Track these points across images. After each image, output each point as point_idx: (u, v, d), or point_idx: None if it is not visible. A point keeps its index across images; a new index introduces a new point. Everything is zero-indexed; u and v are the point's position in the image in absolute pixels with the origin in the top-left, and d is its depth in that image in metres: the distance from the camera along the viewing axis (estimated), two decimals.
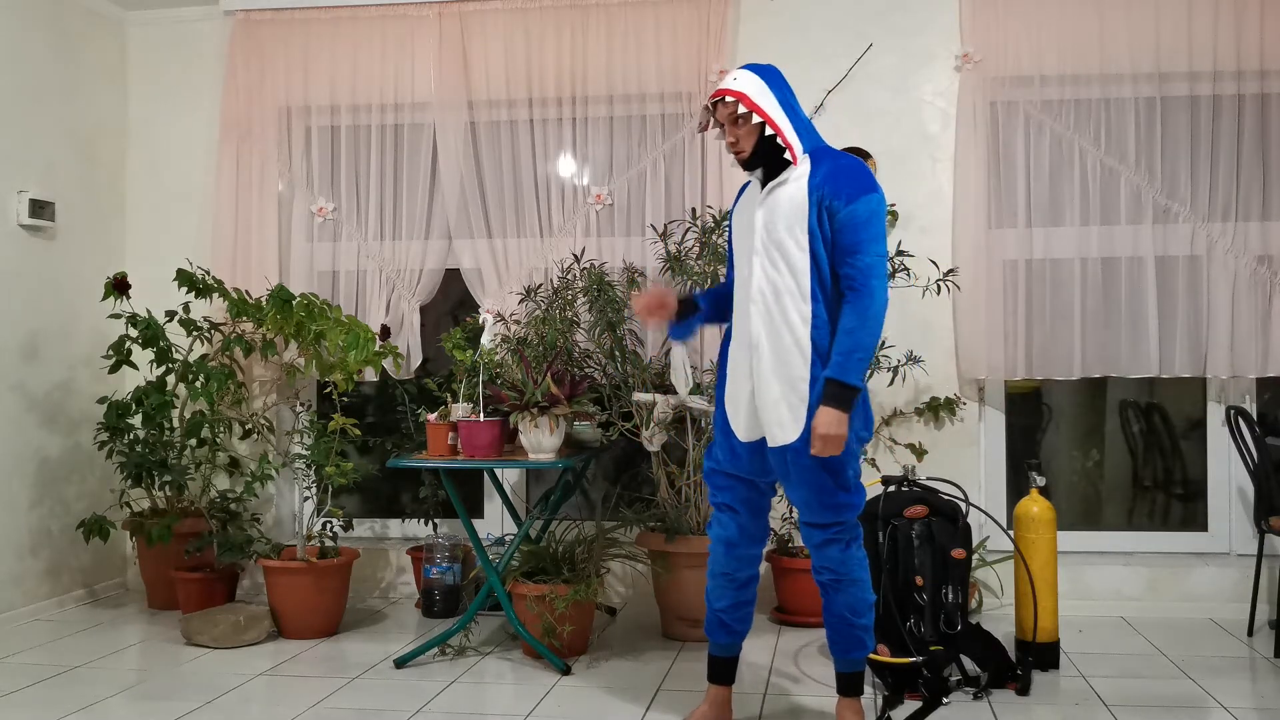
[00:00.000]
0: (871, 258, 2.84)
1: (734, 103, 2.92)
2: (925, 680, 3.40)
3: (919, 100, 4.70)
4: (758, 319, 2.92)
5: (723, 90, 2.94)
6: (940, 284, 4.40)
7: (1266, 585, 4.29)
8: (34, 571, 4.59)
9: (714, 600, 3.14)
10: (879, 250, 2.86)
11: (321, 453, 4.32)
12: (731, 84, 2.94)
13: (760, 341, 2.92)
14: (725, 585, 3.12)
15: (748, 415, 2.98)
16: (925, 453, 4.57)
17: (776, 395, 2.90)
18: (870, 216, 2.87)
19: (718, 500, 3.11)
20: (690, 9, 4.71)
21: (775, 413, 2.91)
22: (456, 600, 4.56)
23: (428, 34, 4.86)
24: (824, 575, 3.01)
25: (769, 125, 2.90)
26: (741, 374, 2.99)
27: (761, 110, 2.90)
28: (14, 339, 4.54)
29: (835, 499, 2.93)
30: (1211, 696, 3.44)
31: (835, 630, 3.04)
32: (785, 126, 2.92)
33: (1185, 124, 4.49)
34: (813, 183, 2.89)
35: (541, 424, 3.72)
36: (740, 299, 3.01)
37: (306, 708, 3.39)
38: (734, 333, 3.05)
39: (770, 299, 2.91)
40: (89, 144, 4.99)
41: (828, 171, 2.89)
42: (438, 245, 4.88)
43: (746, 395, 2.98)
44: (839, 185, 2.87)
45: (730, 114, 2.94)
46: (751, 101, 2.90)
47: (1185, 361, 4.49)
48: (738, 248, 3.05)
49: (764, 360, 2.92)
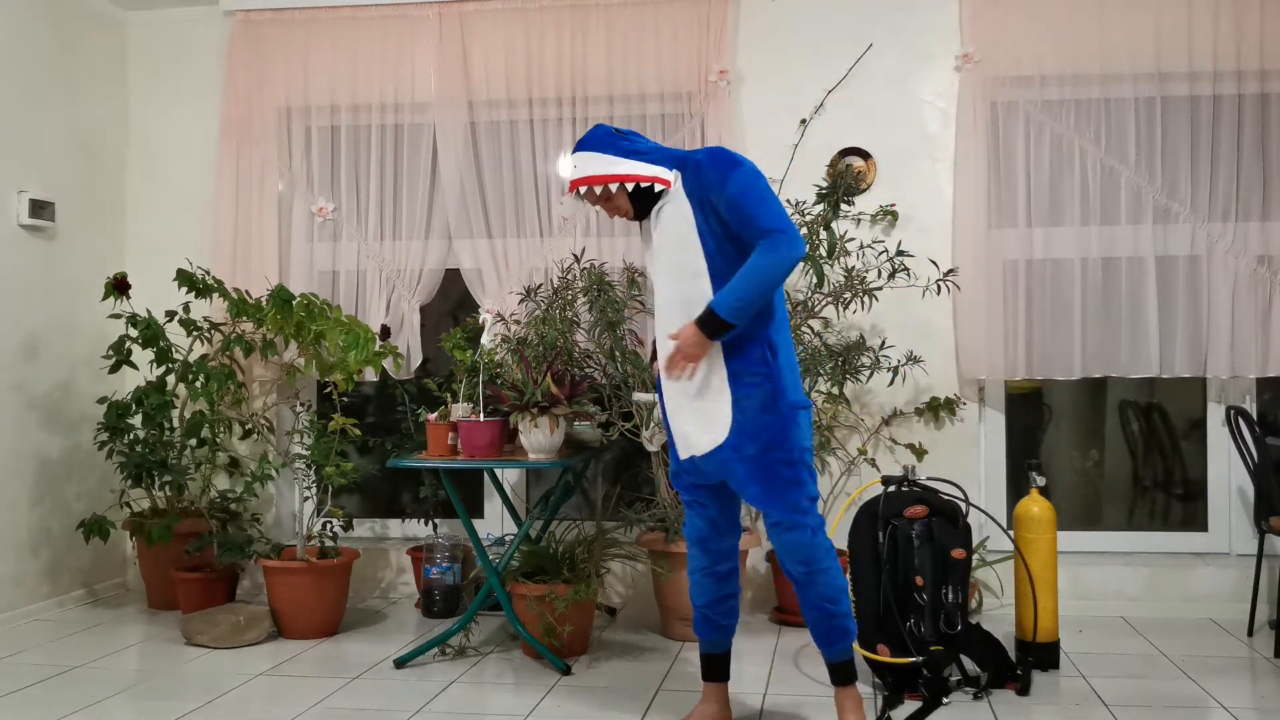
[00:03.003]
0: (767, 220, 2.81)
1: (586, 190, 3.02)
2: (925, 680, 3.40)
3: (919, 100, 4.70)
4: (664, 337, 2.97)
5: (572, 185, 3.04)
6: (940, 284, 4.41)
7: (1266, 585, 4.29)
8: (34, 571, 4.59)
9: (696, 598, 3.16)
10: (773, 210, 2.83)
11: (321, 453, 4.32)
12: (575, 174, 3.03)
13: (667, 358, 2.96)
14: (705, 580, 3.13)
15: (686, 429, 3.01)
16: (925, 453, 4.57)
17: (695, 405, 2.95)
18: (745, 187, 2.85)
19: (686, 499, 3.14)
20: (690, 9, 4.71)
21: (698, 419, 2.95)
22: (456, 600, 4.56)
23: (428, 34, 4.87)
24: (797, 569, 2.98)
25: (629, 183, 2.96)
26: (669, 391, 3.03)
27: (613, 178, 2.97)
28: (14, 339, 4.54)
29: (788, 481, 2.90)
30: (1211, 696, 3.44)
31: (817, 624, 3.04)
32: (642, 170, 2.96)
33: (1185, 124, 4.50)
34: (688, 188, 2.94)
35: (541, 424, 3.71)
36: (657, 323, 3.06)
37: (306, 708, 3.39)
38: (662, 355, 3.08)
39: (675, 314, 2.95)
40: (89, 144, 4.99)
41: (693, 171, 2.94)
42: (438, 245, 4.88)
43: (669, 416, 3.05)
44: (707, 177, 2.89)
45: (597, 198, 3.03)
46: (600, 178, 2.98)
47: (1185, 361, 4.49)
48: (650, 271, 3.11)
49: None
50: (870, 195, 4.68)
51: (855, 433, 4.67)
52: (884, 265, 4.50)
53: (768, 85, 4.75)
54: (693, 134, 4.71)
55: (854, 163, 4.68)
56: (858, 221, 4.65)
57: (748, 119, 4.75)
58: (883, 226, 4.67)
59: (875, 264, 4.50)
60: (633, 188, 2.96)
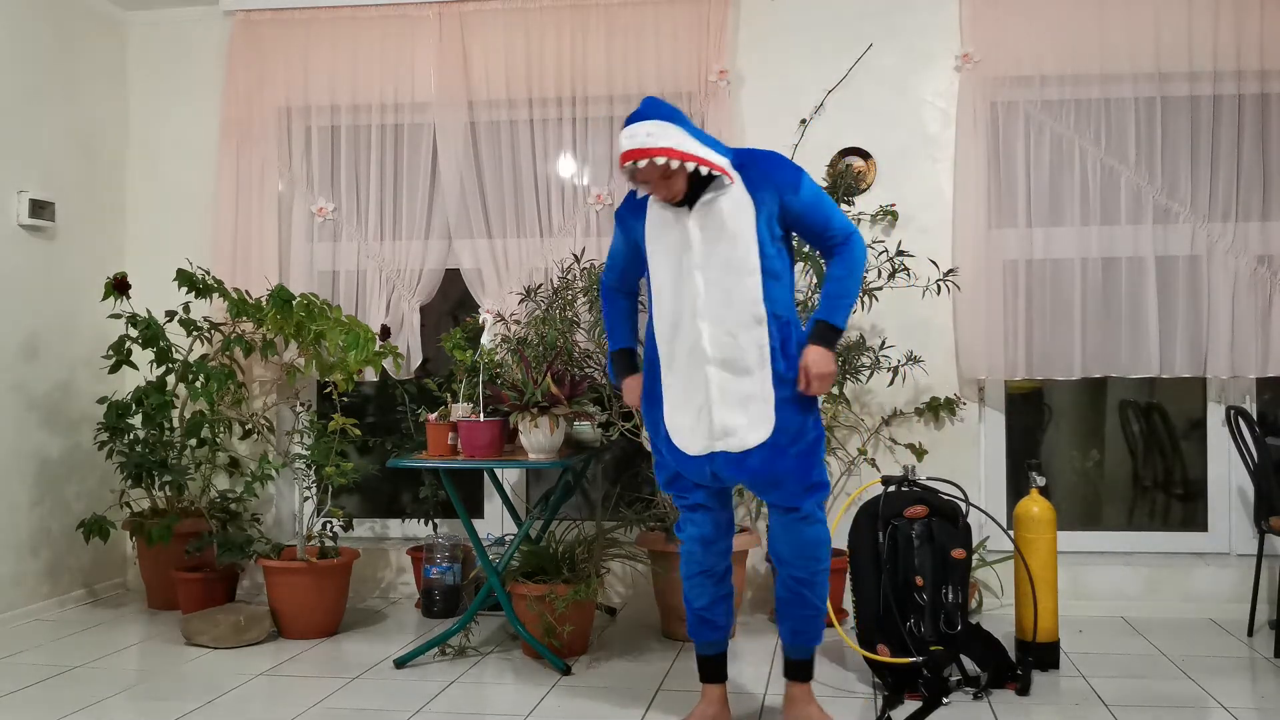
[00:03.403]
0: (840, 220, 2.97)
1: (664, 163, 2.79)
2: (925, 680, 3.40)
3: (919, 100, 4.70)
4: (711, 333, 2.92)
5: (645, 151, 2.79)
6: (940, 284, 4.41)
7: (1266, 585, 4.29)
8: (34, 571, 4.59)
9: (694, 600, 3.13)
10: (840, 211, 2.99)
11: (321, 453, 4.32)
12: (650, 142, 2.79)
13: (719, 353, 2.92)
14: (704, 583, 3.11)
15: (705, 430, 2.95)
16: (925, 453, 4.57)
17: (743, 399, 2.92)
18: (817, 191, 2.97)
19: (687, 503, 3.09)
20: (690, 9, 4.71)
21: (742, 417, 2.92)
22: (456, 600, 4.56)
23: (428, 34, 4.87)
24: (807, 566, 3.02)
25: (703, 166, 2.82)
26: (693, 388, 2.96)
27: (691, 157, 2.80)
28: (14, 339, 4.54)
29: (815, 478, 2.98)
30: (1211, 696, 3.44)
31: (811, 621, 3.09)
32: (713, 157, 2.87)
33: (1185, 124, 4.49)
34: (750, 185, 2.91)
35: (541, 424, 3.71)
36: (678, 314, 2.96)
37: (306, 708, 3.39)
38: (669, 352, 3.00)
39: (722, 309, 2.91)
40: (89, 144, 4.99)
41: (759, 171, 2.92)
42: (438, 245, 4.88)
43: (696, 410, 2.96)
44: (782, 178, 2.92)
45: (660, 171, 2.83)
46: (680, 153, 2.79)
47: (1185, 361, 4.49)
48: (662, 264, 2.99)
49: (723, 369, 2.92)
50: (870, 195, 4.68)
51: (855, 433, 4.67)
52: (884, 265, 4.50)
53: (768, 85, 4.75)
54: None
55: (854, 163, 4.68)
56: (858, 221, 4.65)
57: (748, 119, 4.75)
58: (883, 226, 4.67)
59: (875, 264, 4.50)
60: (706, 172, 2.84)
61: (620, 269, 3.24)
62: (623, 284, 3.28)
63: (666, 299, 3.00)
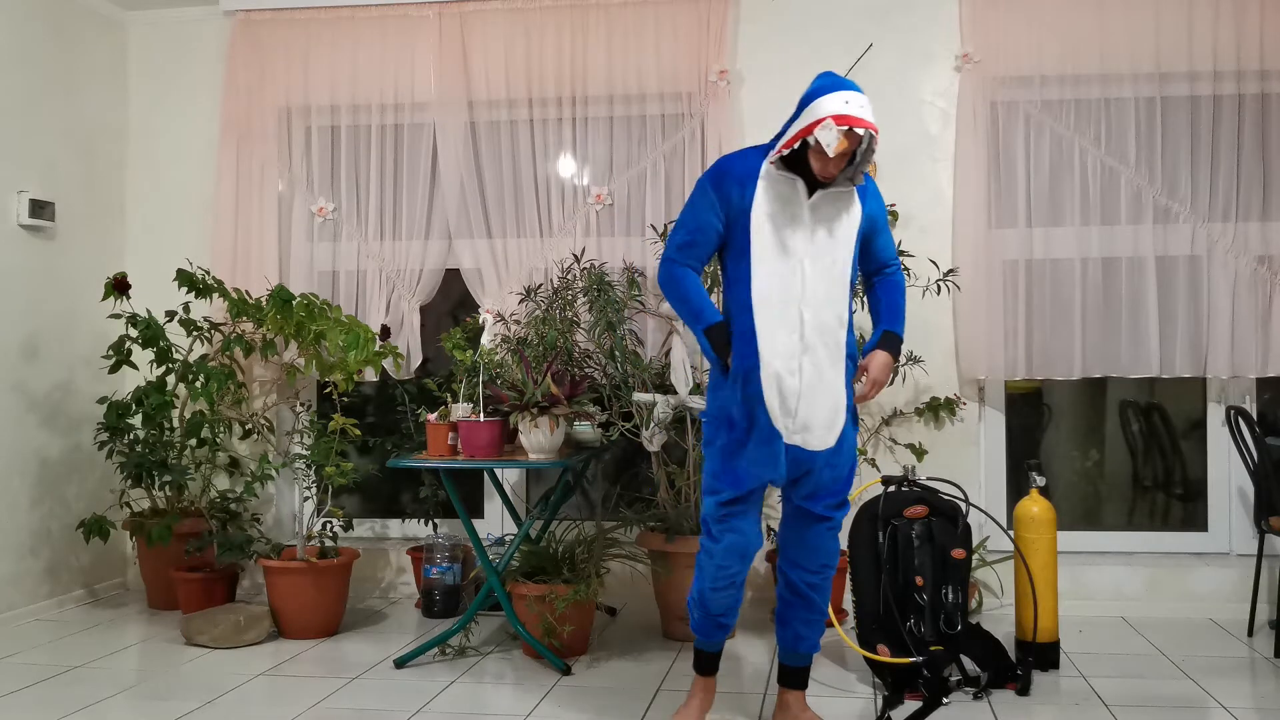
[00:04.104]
0: (893, 248, 3.16)
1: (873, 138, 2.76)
2: (925, 680, 3.40)
3: (919, 100, 4.70)
4: (811, 322, 2.89)
5: (873, 126, 2.75)
6: (940, 284, 4.41)
7: (1266, 585, 4.29)
8: (34, 571, 4.59)
9: (714, 608, 3.05)
10: None
11: (321, 453, 4.32)
12: (872, 117, 2.75)
13: (815, 345, 2.90)
14: (732, 594, 3.04)
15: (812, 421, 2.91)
16: (925, 453, 4.57)
17: (831, 399, 2.93)
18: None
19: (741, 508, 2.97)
20: (690, 9, 4.71)
21: (827, 416, 2.93)
22: (456, 600, 4.56)
23: (428, 34, 4.87)
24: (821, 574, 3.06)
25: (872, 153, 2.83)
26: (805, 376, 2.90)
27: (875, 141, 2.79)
28: (14, 339, 4.54)
29: (851, 484, 3.07)
30: (1211, 696, 3.44)
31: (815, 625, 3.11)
32: None
33: (1185, 124, 4.50)
34: (863, 198, 2.98)
35: (541, 424, 3.71)
36: (783, 297, 2.89)
37: (306, 708, 3.39)
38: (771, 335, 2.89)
39: (823, 302, 2.91)
40: (89, 144, 4.99)
41: (867, 185, 3.00)
42: (438, 245, 4.88)
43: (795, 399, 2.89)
44: (878, 197, 3.07)
45: (870, 146, 2.78)
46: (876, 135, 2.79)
47: (1185, 361, 4.49)
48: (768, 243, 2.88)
49: (819, 364, 2.91)
50: None
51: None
52: None
53: (768, 85, 4.74)
54: (693, 134, 4.71)
55: None
56: None
57: (748, 119, 4.75)
58: None
59: None
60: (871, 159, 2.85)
61: (704, 246, 2.98)
62: (700, 263, 3.02)
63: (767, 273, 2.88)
